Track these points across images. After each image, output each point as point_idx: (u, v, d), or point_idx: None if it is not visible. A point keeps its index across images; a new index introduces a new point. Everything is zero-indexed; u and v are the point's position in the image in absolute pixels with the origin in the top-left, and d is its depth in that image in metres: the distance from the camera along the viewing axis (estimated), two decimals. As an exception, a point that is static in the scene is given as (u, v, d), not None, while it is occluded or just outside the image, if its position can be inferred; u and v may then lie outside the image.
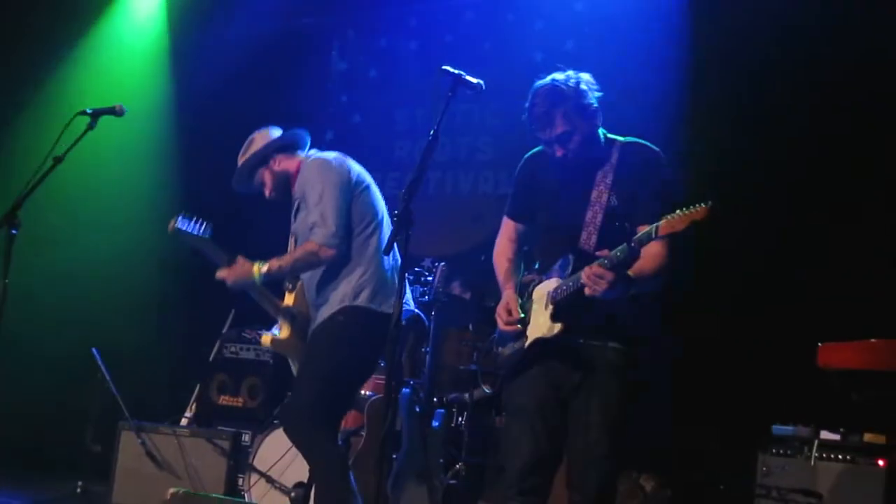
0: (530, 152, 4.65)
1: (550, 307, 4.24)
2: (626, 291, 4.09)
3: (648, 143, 4.41)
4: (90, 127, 5.34)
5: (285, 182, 5.75)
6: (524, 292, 4.45)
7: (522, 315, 4.36)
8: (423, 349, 6.56)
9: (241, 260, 5.47)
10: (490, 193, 9.19)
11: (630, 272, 4.09)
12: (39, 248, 5.56)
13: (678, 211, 3.77)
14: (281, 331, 5.70)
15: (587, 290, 4.02)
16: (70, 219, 8.20)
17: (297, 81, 10.16)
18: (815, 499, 5.74)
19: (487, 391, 7.40)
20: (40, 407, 8.40)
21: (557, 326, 4.19)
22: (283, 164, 5.76)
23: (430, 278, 6.39)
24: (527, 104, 4.37)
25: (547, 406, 4.29)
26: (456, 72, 4.31)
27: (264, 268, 5.44)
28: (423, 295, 6.36)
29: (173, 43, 9.86)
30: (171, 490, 4.03)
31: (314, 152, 5.82)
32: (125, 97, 5.67)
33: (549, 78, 4.39)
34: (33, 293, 6.07)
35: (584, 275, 4.01)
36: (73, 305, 8.64)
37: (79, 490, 7.38)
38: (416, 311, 6.44)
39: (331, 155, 5.72)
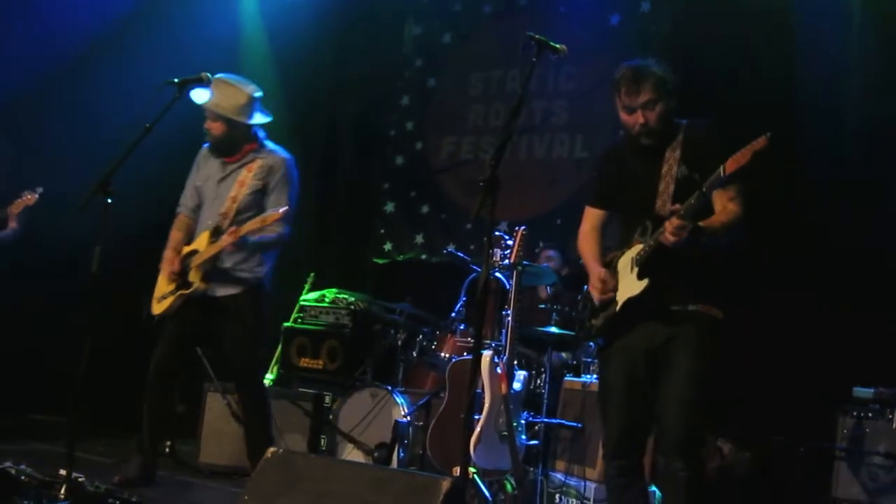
0: (606, 145, 5.05)
1: (636, 269, 4.57)
2: (697, 241, 4.34)
3: (707, 119, 4.73)
4: (178, 96, 5.45)
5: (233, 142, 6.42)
6: (609, 268, 4.76)
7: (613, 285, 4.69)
8: (502, 312, 6.62)
9: None
10: (565, 157, 9.20)
11: (701, 223, 4.38)
12: (127, 212, 5.78)
13: (742, 149, 4.08)
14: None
15: (666, 238, 4.32)
16: (158, 181, 8.30)
17: (373, 46, 10.22)
18: (895, 461, 5.74)
19: (565, 357, 7.48)
20: (128, 367, 8.58)
21: (643, 283, 4.51)
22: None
23: (509, 242, 6.44)
24: (616, 76, 4.74)
25: (638, 374, 4.61)
26: (541, 38, 4.38)
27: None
28: (503, 258, 6.41)
29: (250, 6, 9.94)
30: (271, 449, 4.13)
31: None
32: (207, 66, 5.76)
33: (636, 59, 4.79)
34: (123, 254, 6.30)
35: (666, 227, 4.31)
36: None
37: (167, 450, 7.54)
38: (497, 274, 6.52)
39: None
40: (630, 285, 4.59)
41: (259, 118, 6.44)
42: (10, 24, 8.50)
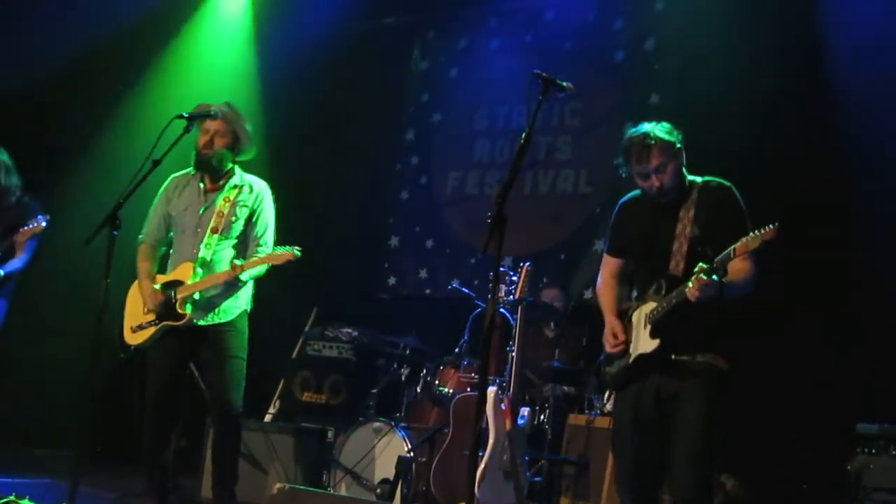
0: (625, 197, 5.16)
1: (649, 326, 4.77)
2: (721, 295, 4.55)
3: (721, 180, 4.90)
4: (187, 130, 5.49)
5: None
6: (623, 318, 4.97)
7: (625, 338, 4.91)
8: (507, 347, 6.63)
9: None
10: (570, 192, 9.22)
11: (724, 280, 4.60)
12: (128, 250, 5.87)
13: (752, 233, 4.38)
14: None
15: (693, 296, 4.52)
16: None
17: (380, 81, 10.27)
18: (901, 498, 5.72)
19: (567, 391, 7.48)
20: (130, 401, 8.57)
21: (655, 342, 4.73)
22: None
23: (514, 277, 6.45)
24: (624, 145, 4.89)
25: (647, 418, 4.80)
26: (547, 76, 4.42)
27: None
28: (507, 294, 6.43)
29: (258, 43, 10.02)
30: (278, 485, 4.14)
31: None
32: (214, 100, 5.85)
33: (640, 125, 4.93)
34: (124, 290, 6.29)
35: (694, 285, 4.51)
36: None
37: (169, 484, 7.51)
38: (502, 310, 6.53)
39: None
40: (643, 342, 4.79)
41: (249, 153, 6.50)
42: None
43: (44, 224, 7.26)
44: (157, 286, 6.25)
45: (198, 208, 6.33)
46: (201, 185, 6.38)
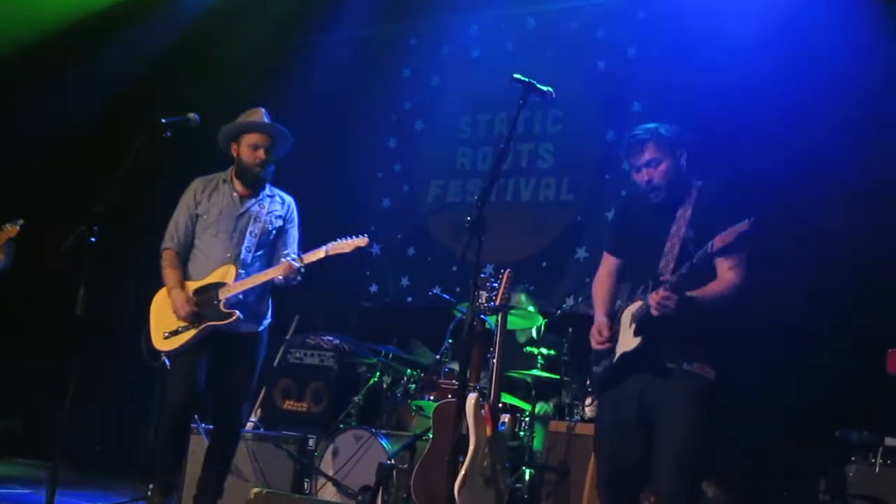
0: (627, 195, 5.21)
1: (633, 325, 4.75)
2: (684, 310, 4.54)
3: (722, 183, 4.89)
4: (167, 134, 5.45)
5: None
6: (614, 318, 4.93)
7: (610, 336, 4.86)
8: (487, 354, 6.62)
9: None
10: (552, 200, 9.22)
11: (695, 292, 4.61)
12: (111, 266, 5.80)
13: (729, 228, 4.31)
14: None
15: (653, 311, 4.56)
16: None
17: (362, 89, 10.25)
18: (879, 505, 5.73)
19: (553, 404, 7.47)
20: (114, 411, 8.55)
21: (637, 340, 4.69)
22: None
23: (495, 284, 6.44)
24: (625, 139, 4.93)
25: (630, 421, 4.76)
26: (527, 80, 4.43)
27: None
28: (489, 301, 6.41)
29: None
30: (254, 490, 4.13)
31: None
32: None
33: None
34: (107, 302, 6.22)
35: (651, 299, 4.56)
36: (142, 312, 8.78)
37: (149, 493, 7.46)
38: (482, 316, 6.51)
39: None
40: (627, 340, 4.76)
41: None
42: None
43: (18, 228, 7.23)
44: (192, 291, 6.17)
45: (234, 213, 6.31)
46: (234, 193, 6.37)
